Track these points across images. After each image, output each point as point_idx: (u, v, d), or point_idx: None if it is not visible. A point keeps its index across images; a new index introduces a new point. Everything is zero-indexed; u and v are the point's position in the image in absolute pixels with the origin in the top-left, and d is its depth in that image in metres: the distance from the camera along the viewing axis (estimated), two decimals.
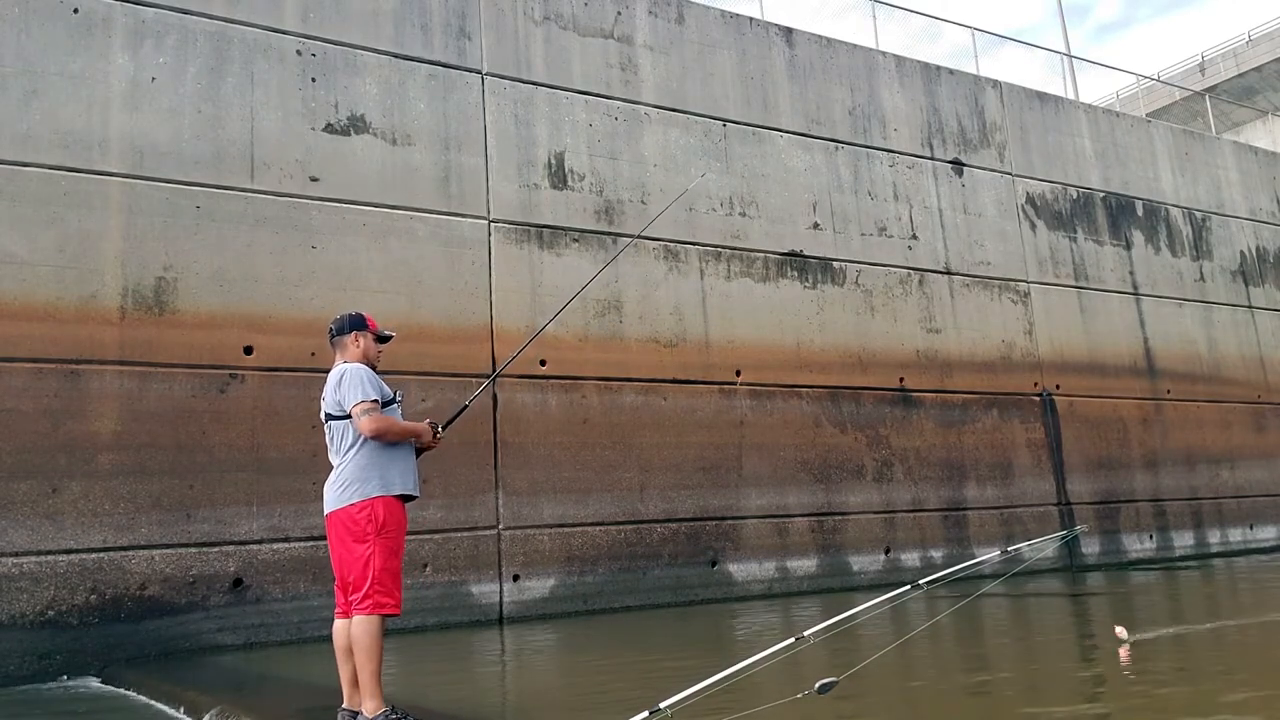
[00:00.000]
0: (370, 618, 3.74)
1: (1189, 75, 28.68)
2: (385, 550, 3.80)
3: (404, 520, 3.97)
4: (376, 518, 3.82)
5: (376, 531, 3.81)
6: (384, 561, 3.79)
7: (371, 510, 3.83)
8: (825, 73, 11.36)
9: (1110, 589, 9.92)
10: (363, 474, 3.90)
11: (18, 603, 6.49)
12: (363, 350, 4.16)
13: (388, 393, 4.05)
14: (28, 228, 7.00)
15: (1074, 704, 4.19)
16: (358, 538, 3.81)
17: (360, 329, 4.20)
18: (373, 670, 3.75)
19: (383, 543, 3.80)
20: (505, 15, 9.39)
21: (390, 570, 3.81)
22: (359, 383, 3.96)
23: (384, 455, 3.94)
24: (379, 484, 3.88)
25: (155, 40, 7.72)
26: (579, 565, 8.61)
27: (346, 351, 4.17)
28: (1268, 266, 15.30)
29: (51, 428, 6.81)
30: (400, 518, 3.93)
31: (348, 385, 3.96)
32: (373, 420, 3.86)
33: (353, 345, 4.17)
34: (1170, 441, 13.03)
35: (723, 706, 2.92)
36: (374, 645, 3.74)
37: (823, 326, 10.52)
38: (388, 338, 4.30)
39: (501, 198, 8.96)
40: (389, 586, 3.79)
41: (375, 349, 4.21)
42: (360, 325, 4.20)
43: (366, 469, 3.90)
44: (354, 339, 4.17)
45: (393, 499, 3.90)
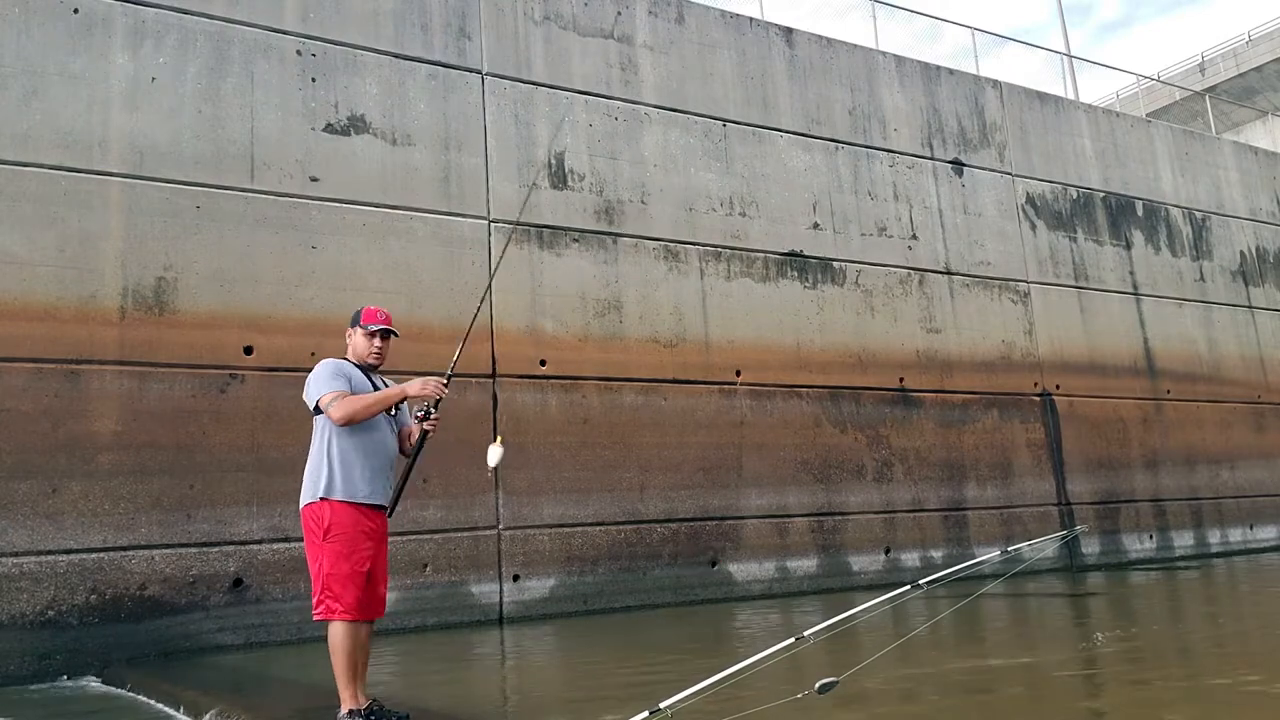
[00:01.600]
0: (327, 623, 3.71)
1: (1189, 75, 28.68)
2: (333, 554, 3.70)
3: (361, 524, 3.79)
4: (322, 521, 3.74)
5: (322, 535, 3.73)
6: (332, 565, 3.70)
7: (318, 513, 3.76)
8: (825, 73, 11.36)
9: (1109, 589, 9.92)
10: (315, 474, 3.83)
11: (18, 603, 6.49)
12: (352, 347, 4.04)
13: (358, 382, 3.87)
14: (28, 228, 7.00)
15: (1073, 704, 4.19)
16: (309, 540, 3.78)
17: (353, 324, 4.07)
18: (339, 673, 3.73)
19: (330, 547, 3.71)
20: (505, 15, 9.39)
21: (339, 575, 3.70)
22: (315, 379, 3.87)
23: (345, 457, 3.81)
24: (327, 486, 3.78)
25: (155, 40, 7.72)
26: (579, 565, 8.61)
27: (348, 349, 4.09)
28: (1268, 266, 15.30)
29: (51, 428, 6.81)
30: (351, 522, 3.77)
31: (308, 382, 3.89)
32: (337, 408, 3.74)
33: (347, 342, 4.08)
34: (1170, 441, 13.03)
35: (723, 706, 2.92)
36: (337, 649, 3.71)
37: (823, 326, 10.52)
38: (379, 332, 4.04)
39: (501, 198, 8.96)
40: (337, 591, 3.69)
41: (366, 345, 4.01)
42: (353, 320, 4.07)
43: (319, 469, 3.82)
44: (347, 335, 4.08)
45: (346, 504, 3.77)
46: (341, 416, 3.74)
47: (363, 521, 3.80)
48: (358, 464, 3.83)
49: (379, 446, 3.92)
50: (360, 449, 3.85)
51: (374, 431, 3.91)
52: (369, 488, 3.84)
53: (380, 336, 4.05)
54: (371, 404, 3.81)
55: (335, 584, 3.70)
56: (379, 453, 3.90)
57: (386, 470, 3.94)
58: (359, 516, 3.79)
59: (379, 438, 3.92)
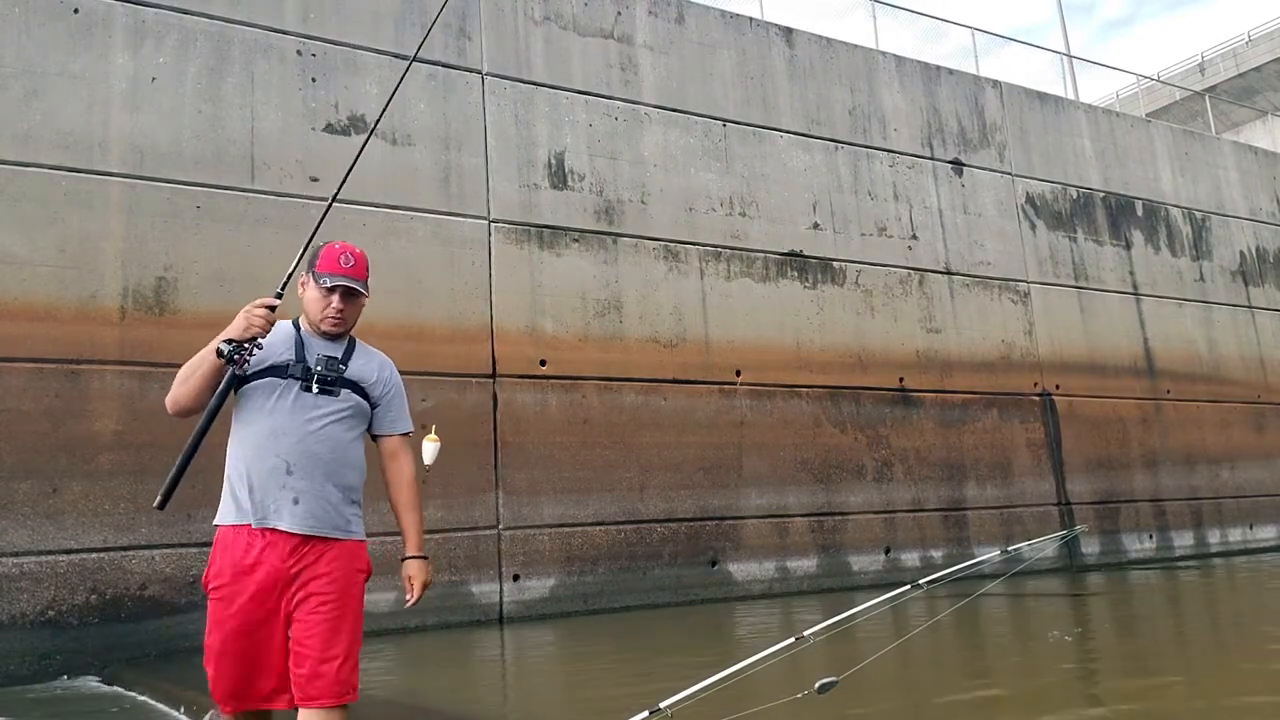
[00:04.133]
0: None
1: (1189, 75, 28.68)
2: (209, 613, 2.58)
3: (241, 562, 2.55)
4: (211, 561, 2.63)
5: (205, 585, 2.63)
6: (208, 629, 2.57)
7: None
8: (825, 73, 11.36)
9: (1097, 590, 9.92)
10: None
11: (18, 603, 6.49)
12: (305, 303, 2.80)
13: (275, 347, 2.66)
14: (28, 228, 7.00)
15: (1072, 703, 4.19)
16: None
17: (308, 269, 2.79)
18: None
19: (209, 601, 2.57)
20: (505, 15, 9.40)
21: (210, 646, 2.56)
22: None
23: (235, 460, 2.70)
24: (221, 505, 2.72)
25: (155, 40, 7.72)
26: (579, 565, 8.61)
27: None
28: (1268, 266, 15.30)
29: (51, 428, 6.81)
30: (227, 560, 2.58)
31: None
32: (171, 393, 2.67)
33: (300, 294, 2.83)
34: (1170, 441, 13.03)
35: (723, 706, 2.92)
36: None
37: (823, 326, 10.52)
38: (339, 289, 2.72)
39: (501, 198, 8.96)
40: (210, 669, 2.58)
41: (319, 304, 2.73)
42: (309, 265, 2.80)
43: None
44: (299, 284, 2.83)
45: (226, 528, 2.66)
46: (167, 401, 2.72)
47: (242, 558, 2.57)
48: (241, 454, 2.69)
49: (277, 435, 2.62)
50: (250, 443, 2.66)
51: (271, 415, 2.64)
52: (262, 494, 2.61)
53: (341, 295, 2.73)
54: (189, 367, 2.67)
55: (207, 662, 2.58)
56: (280, 445, 2.61)
57: (311, 475, 2.62)
58: (241, 550, 2.59)
59: (277, 424, 2.63)
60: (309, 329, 2.77)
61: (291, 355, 2.69)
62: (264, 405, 2.64)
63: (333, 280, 2.72)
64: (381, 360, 2.91)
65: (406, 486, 2.89)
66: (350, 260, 2.76)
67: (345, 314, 2.76)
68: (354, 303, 2.78)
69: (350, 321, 2.79)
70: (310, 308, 2.77)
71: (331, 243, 2.84)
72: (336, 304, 2.73)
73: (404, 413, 2.92)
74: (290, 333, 2.75)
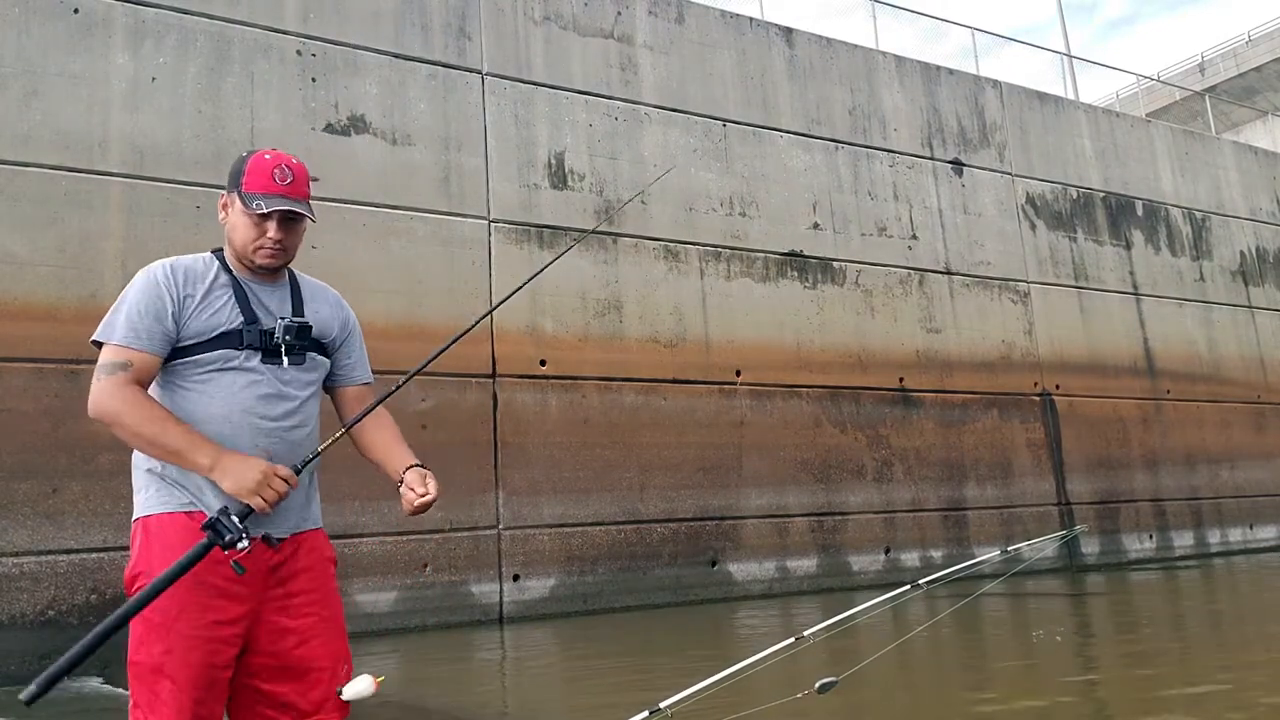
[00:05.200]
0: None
1: (1189, 75, 28.69)
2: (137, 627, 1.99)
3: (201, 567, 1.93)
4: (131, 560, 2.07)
5: (129, 583, 2.04)
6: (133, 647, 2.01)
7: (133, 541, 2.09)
8: (825, 73, 11.36)
9: (1107, 590, 9.92)
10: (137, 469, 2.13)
11: (18, 603, 6.49)
12: (229, 229, 2.20)
13: (168, 330, 2.10)
14: (28, 228, 7.00)
15: (1069, 702, 4.20)
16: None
17: (232, 186, 2.20)
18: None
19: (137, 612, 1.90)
20: (505, 15, 9.40)
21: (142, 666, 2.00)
22: (119, 303, 2.16)
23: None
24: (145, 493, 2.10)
25: (155, 40, 7.72)
26: (579, 565, 8.61)
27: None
28: (1268, 266, 15.30)
29: (51, 428, 6.81)
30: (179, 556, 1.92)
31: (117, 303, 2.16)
32: (96, 391, 2.08)
33: (221, 218, 2.25)
34: (1170, 441, 13.03)
35: (723, 706, 2.92)
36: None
37: (823, 326, 10.52)
38: (274, 214, 2.15)
39: (501, 198, 8.96)
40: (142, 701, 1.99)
41: (251, 234, 2.15)
42: (233, 181, 2.19)
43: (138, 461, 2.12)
44: (221, 206, 2.25)
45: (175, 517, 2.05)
46: (95, 411, 2.08)
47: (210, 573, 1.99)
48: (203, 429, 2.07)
49: (250, 422, 2.11)
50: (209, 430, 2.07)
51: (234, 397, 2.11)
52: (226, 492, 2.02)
53: (279, 222, 2.17)
54: (156, 442, 2.03)
55: (137, 681, 2.00)
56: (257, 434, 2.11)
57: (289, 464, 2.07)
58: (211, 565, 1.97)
59: (246, 405, 2.11)
60: (235, 264, 2.19)
61: (239, 316, 2.13)
62: (220, 383, 2.08)
63: (269, 203, 2.12)
64: (334, 299, 2.39)
65: (392, 424, 2.38)
66: (288, 175, 2.15)
67: (285, 244, 2.19)
68: (295, 229, 2.20)
69: (291, 253, 2.23)
70: (237, 236, 2.17)
71: (261, 151, 2.21)
72: (274, 233, 2.15)
73: (365, 356, 2.45)
74: (219, 276, 2.15)
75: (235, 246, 2.20)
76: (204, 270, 2.17)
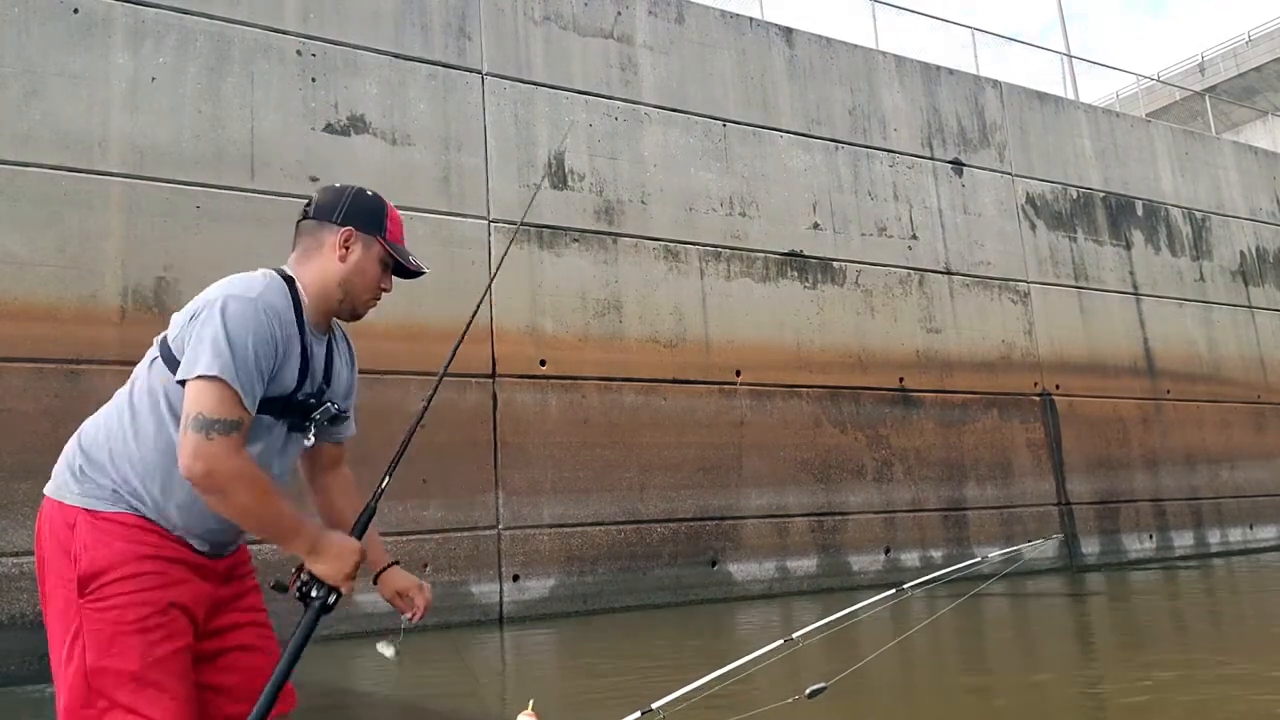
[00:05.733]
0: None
1: (1189, 75, 28.70)
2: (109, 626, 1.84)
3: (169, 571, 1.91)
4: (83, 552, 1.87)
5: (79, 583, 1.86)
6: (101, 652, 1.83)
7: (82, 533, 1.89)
8: (825, 73, 11.36)
9: (1105, 590, 9.93)
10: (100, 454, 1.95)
11: (18, 603, 6.50)
12: (345, 271, 2.05)
13: (285, 384, 1.93)
14: (28, 228, 7.00)
15: (1066, 700, 4.20)
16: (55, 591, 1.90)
17: (368, 225, 2.06)
18: None
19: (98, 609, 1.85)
20: (505, 15, 9.40)
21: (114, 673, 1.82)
22: (218, 334, 1.84)
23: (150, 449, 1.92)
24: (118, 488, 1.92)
25: (155, 40, 7.72)
26: (579, 565, 8.61)
27: (308, 261, 2.07)
28: (1268, 266, 15.30)
29: (51, 428, 6.80)
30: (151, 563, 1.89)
31: (201, 329, 1.89)
32: (205, 449, 1.78)
33: (330, 251, 2.05)
34: (1170, 441, 13.03)
35: (716, 707, 2.93)
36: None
37: (823, 326, 10.52)
38: (412, 272, 2.12)
39: (501, 198, 8.96)
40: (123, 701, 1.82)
41: (371, 279, 2.07)
42: (371, 221, 2.07)
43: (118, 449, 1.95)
44: (342, 240, 2.04)
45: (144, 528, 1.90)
46: (218, 486, 1.82)
47: (172, 567, 1.91)
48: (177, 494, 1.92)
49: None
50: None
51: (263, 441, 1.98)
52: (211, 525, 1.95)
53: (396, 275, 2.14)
54: (266, 525, 1.92)
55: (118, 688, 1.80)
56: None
57: (232, 528, 2.02)
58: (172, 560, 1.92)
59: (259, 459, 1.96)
60: (314, 308, 2.03)
61: (294, 381, 1.96)
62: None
63: (408, 261, 2.08)
64: (352, 356, 2.24)
65: (356, 489, 2.29)
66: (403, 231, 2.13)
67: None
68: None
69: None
70: (361, 280, 2.04)
71: (381, 196, 2.11)
72: (386, 286, 2.11)
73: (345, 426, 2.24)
74: (293, 324, 1.95)
75: (351, 289, 2.05)
76: (284, 314, 1.95)
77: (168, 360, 1.98)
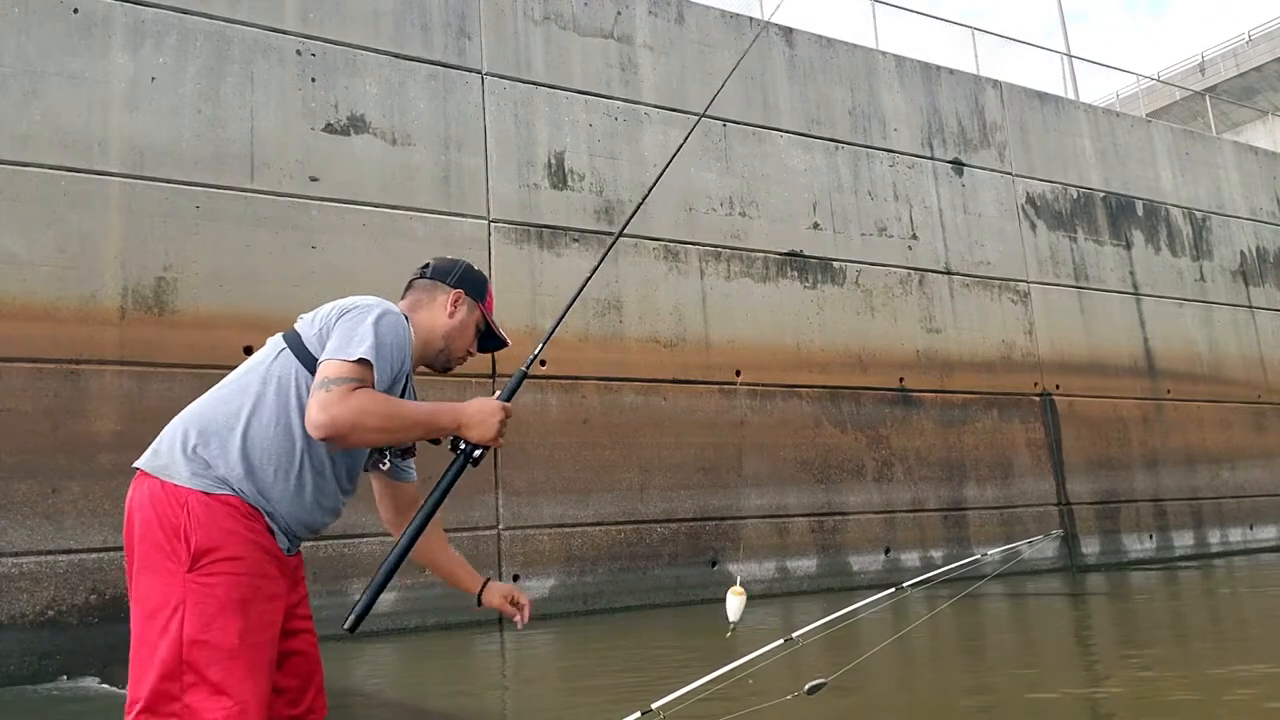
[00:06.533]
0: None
1: (1189, 75, 28.70)
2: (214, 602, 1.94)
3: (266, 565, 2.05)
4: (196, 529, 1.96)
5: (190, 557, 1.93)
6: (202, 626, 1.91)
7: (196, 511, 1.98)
8: (825, 72, 11.36)
9: (1105, 590, 9.93)
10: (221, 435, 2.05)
11: (18, 603, 6.49)
12: (451, 326, 2.35)
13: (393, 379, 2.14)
14: (28, 228, 7.00)
15: (1064, 699, 4.20)
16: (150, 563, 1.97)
17: (475, 293, 2.42)
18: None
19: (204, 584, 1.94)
20: (505, 15, 9.40)
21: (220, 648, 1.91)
22: (355, 326, 2.06)
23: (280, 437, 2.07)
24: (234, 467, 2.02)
25: (155, 40, 7.72)
26: (579, 565, 8.61)
27: (418, 310, 2.34)
28: (1268, 266, 15.29)
29: (51, 428, 6.81)
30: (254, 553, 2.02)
31: (351, 324, 2.08)
32: (342, 399, 1.94)
33: (441, 309, 2.35)
34: (1170, 441, 13.03)
35: (715, 706, 2.93)
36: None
37: (823, 326, 10.52)
38: (499, 343, 2.61)
39: (501, 198, 8.96)
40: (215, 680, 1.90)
41: (469, 342, 2.43)
42: (477, 290, 2.43)
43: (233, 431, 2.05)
44: (451, 301, 2.36)
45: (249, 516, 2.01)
46: (347, 421, 1.94)
47: (268, 562, 2.03)
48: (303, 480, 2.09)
49: (330, 490, 2.16)
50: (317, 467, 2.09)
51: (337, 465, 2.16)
52: (304, 517, 2.11)
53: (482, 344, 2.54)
54: (406, 422, 2.06)
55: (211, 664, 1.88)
56: (328, 496, 2.16)
57: (322, 520, 2.20)
58: (268, 553, 2.03)
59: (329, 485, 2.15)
60: (414, 347, 2.28)
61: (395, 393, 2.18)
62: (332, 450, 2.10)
63: (499, 330, 2.58)
64: None
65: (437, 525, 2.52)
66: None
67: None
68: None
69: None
70: (459, 338, 2.39)
71: (487, 278, 2.53)
72: (474, 351, 2.50)
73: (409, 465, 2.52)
74: (407, 361, 2.21)
75: (451, 343, 2.37)
76: (408, 341, 2.22)
77: (297, 351, 2.15)
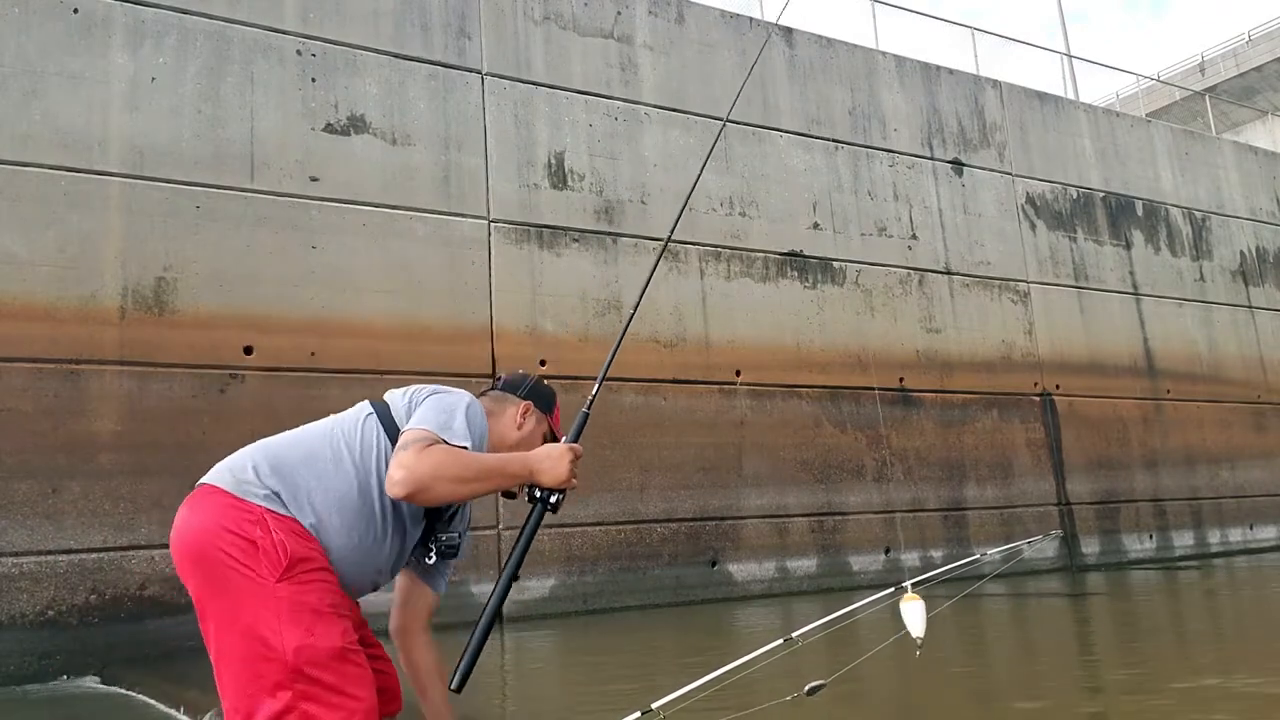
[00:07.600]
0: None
1: (1189, 75, 28.71)
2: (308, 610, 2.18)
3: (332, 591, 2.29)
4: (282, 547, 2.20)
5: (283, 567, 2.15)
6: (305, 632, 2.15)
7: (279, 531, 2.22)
8: (825, 72, 11.36)
9: (1105, 590, 9.93)
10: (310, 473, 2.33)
11: (18, 603, 6.49)
12: (519, 437, 2.58)
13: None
14: (28, 228, 7.00)
15: (1063, 699, 4.20)
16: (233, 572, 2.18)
17: (544, 406, 2.65)
18: None
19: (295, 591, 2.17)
20: (505, 15, 9.40)
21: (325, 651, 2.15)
22: (454, 409, 2.26)
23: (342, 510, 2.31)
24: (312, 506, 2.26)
25: (155, 40, 7.72)
26: (579, 565, 8.62)
27: (494, 419, 2.53)
28: (1268, 266, 15.30)
29: (51, 428, 6.81)
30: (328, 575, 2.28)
31: (441, 402, 2.30)
32: (430, 456, 2.10)
33: (510, 420, 2.57)
34: (1170, 441, 13.03)
35: (716, 707, 2.93)
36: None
37: (823, 326, 10.52)
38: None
39: (501, 198, 8.96)
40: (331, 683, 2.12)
41: (569, 470, 2.49)
42: (546, 403, 2.65)
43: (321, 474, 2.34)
44: (521, 412, 2.59)
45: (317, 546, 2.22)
46: (427, 473, 2.08)
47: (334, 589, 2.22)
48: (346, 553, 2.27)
49: (379, 564, 2.37)
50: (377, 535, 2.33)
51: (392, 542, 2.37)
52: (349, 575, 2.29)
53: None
54: (482, 472, 2.24)
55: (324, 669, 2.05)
56: (374, 569, 2.37)
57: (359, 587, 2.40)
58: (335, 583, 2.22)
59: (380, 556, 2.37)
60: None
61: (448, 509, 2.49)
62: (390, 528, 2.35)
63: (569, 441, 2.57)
64: (469, 520, 2.76)
65: (437, 656, 2.81)
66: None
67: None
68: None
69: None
70: (522, 445, 2.56)
71: (556, 392, 2.71)
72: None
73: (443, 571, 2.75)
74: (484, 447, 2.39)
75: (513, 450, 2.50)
76: (485, 436, 2.39)
77: (384, 420, 2.33)
